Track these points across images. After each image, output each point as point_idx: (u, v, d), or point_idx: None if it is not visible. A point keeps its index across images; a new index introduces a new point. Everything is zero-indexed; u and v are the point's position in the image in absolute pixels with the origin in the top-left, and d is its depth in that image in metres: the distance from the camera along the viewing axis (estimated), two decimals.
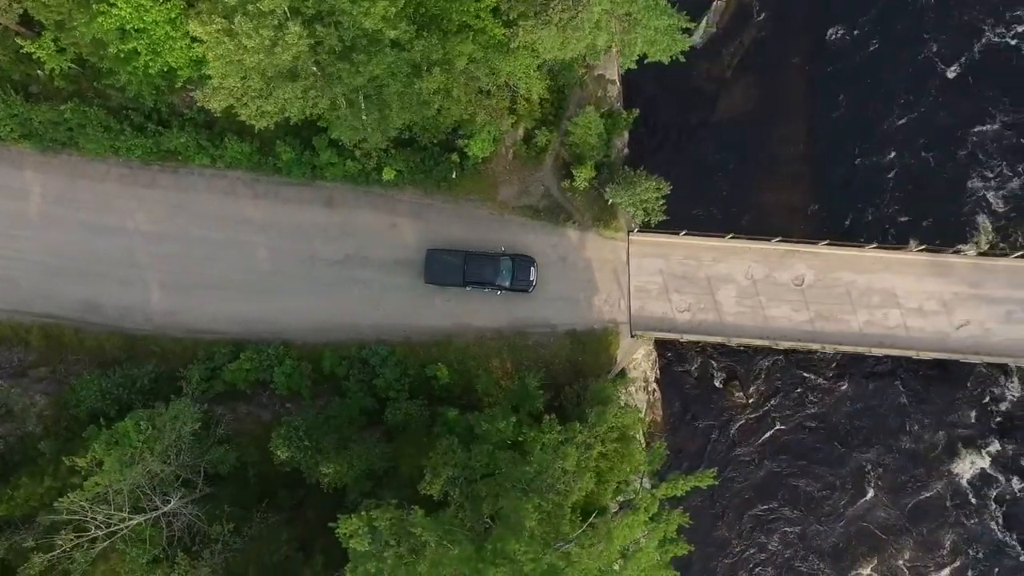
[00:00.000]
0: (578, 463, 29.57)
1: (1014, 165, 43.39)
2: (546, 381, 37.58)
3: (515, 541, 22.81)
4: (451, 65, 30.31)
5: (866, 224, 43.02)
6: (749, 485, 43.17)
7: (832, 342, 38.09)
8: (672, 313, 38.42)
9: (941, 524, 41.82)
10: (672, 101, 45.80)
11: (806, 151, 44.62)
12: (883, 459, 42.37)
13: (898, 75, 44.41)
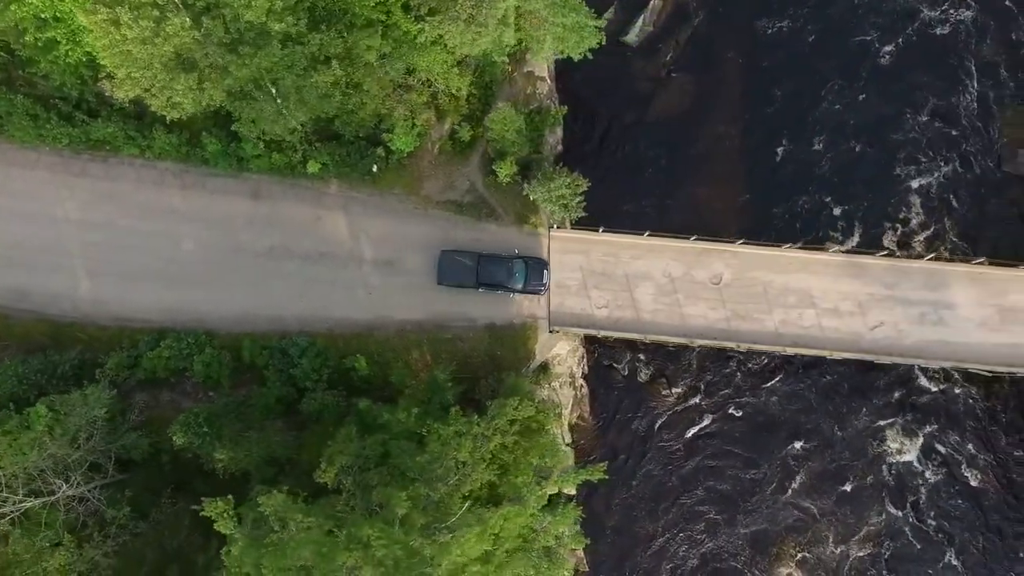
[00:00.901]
0: (472, 454, 30.09)
1: (939, 162, 43.91)
2: (464, 374, 38.38)
3: (369, 527, 23.30)
4: (355, 59, 30.67)
5: (794, 222, 43.54)
6: (675, 478, 43.52)
7: (747, 341, 38.46)
8: (590, 309, 38.83)
9: (863, 511, 42.25)
10: (608, 99, 46.21)
11: (739, 148, 45.10)
12: (808, 451, 42.76)
13: (831, 66, 45.04)
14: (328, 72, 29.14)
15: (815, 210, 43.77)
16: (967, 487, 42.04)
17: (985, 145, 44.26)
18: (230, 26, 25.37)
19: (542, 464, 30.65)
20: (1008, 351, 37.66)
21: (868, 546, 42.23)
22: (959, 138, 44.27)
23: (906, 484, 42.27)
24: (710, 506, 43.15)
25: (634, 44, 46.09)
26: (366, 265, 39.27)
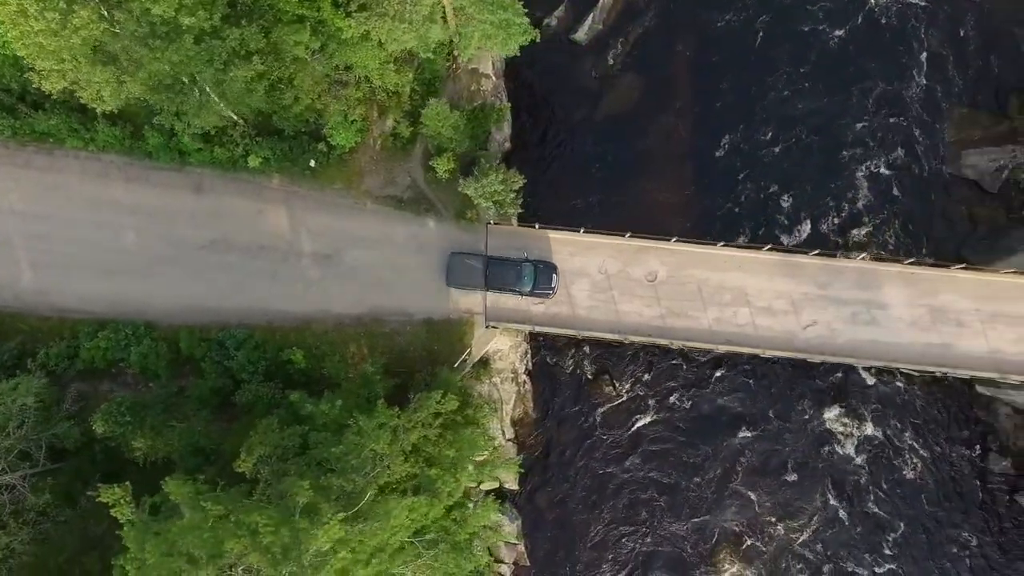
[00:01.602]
0: (391, 446, 30.46)
1: (885, 160, 44.18)
2: (401, 368, 38.80)
3: (257, 513, 23.67)
4: (283, 55, 30.98)
5: (737, 217, 43.91)
6: (617, 472, 43.63)
7: (681, 339, 38.75)
8: (527, 306, 39.12)
9: (804, 501, 42.48)
10: (557, 96, 46.54)
11: (686, 144, 45.39)
12: (750, 442, 42.94)
13: (780, 58, 45.29)
14: (247, 67, 29.46)
15: (759, 206, 44.07)
16: (905, 480, 42.29)
17: (932, 145, 44.50)
18: (141, 20, 25.73)
19: (460, 457, 30.91)
20: (938, 351, 37.91)
21: (808, 533, 42.44)
22: (906, 137, 44.49)
23: (846, 474, 42.48)
24: (652, 498, 43.37)
25: (584, 43, 46.37)
26: (306, 259, 39.65)
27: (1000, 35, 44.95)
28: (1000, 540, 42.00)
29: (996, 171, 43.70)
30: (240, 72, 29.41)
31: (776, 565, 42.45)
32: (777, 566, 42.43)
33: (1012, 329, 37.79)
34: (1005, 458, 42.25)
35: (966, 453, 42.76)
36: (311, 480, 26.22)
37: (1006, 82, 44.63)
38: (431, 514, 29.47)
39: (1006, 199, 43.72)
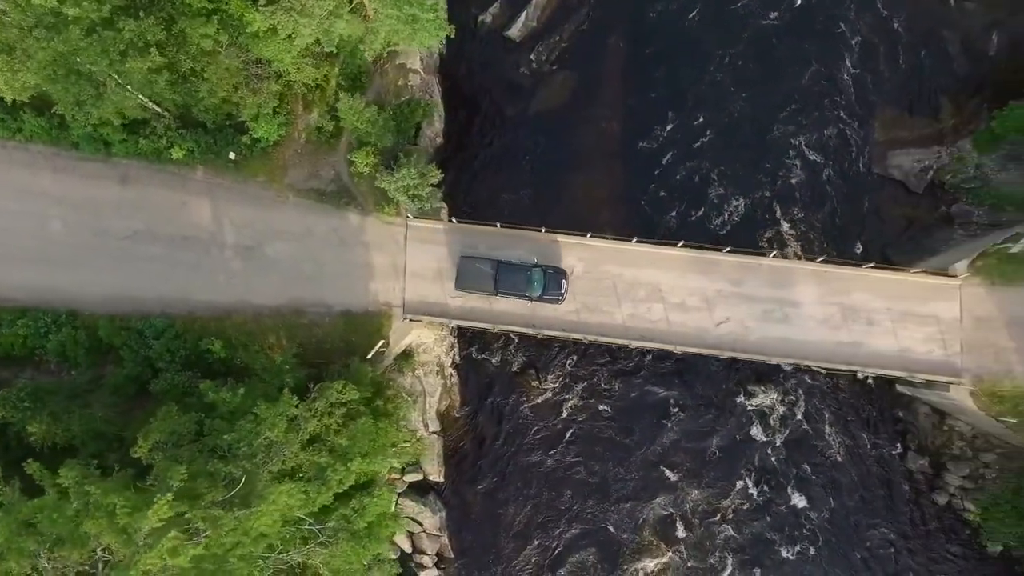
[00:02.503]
0: (286, 435, 30.95)
1: (813, 158, 44.73)
2: (320, 360, 39.28)
3: (115, 494, 24.18)
4: (188, 47, 31.40)
5: (663, 213, 44.62)
6: (543, 464, 44.30)
7: (595, 334, 39.13)
8: (445, 298, 39.54)
9: (727, 489, 43.31)
10: (492, 92, 47.08)
11: (618, 139, 46.06)
12: (675, 433, 43.70)
13: (712, 52, 45.69)
14: (143, 59, 29.91)
15: (687, 201, 44.75)
16: (826, 474, 42.94)
17: (860, 145, 44.86)
18: (26, 10, 26.18)
19: (352, 447, 31.38)
20: (848, 349, 38.22)
21: (730, 520, 43.13)
22: (834, 137, 44.99)
23: (769, 465, 43.26)
24: (578, 487, 43.98)
25: (518, 39, 46.78)
26: (228, 250, 40.11)
27: (930, 37, 45.23)
28: (916, 536, 42.53)
29: (921, 171, 44.02)
30: (136, 64, 29.84)
31: (700, 549, 42.95)
32: (701, 549, 42.92)
33: (921, 329, 38.09)
34: (923, 457, 42.72)
35: (886, 450, 43.28)
36: (194, 465, 26.71)
37: (934, 84, 44.94)
38: (318, 501, 29.95)
39: (931, 200, 44.08)
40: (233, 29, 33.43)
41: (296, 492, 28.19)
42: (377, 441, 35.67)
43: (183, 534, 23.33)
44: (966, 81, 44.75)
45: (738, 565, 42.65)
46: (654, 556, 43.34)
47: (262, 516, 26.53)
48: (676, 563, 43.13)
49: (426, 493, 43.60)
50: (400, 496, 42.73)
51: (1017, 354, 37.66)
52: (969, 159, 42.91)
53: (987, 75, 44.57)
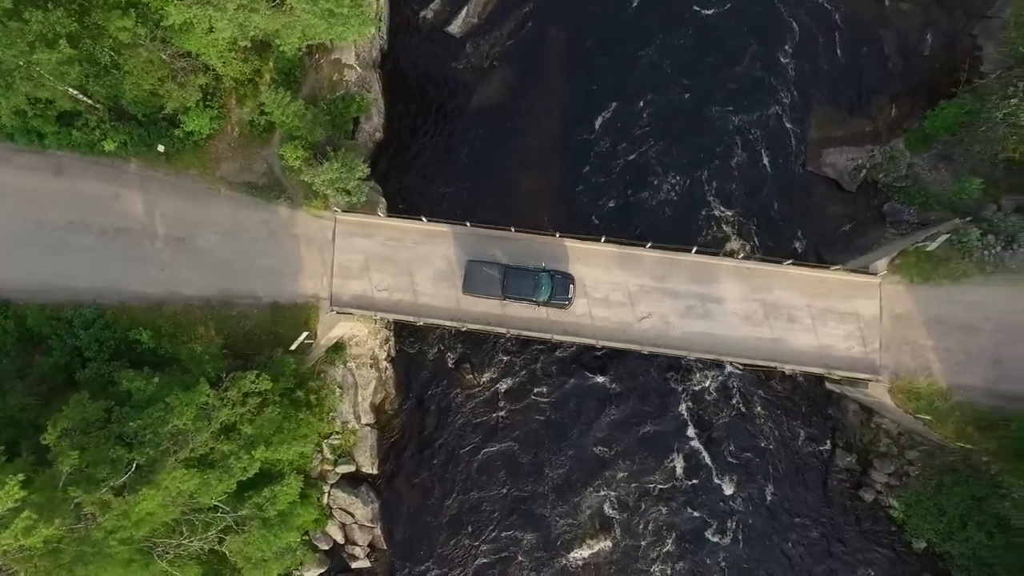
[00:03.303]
0: (194, 423, 31.42)
1: (749, 155, 45.02)
2: (249, 351, 39.76)
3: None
4: (100, 39, 31.79)
5: (598, 207, 44.87)
6: (478, 457, 44.60)
7: (519, 328, 39.48)
8: (371, 292, 39.95)
9: (658, 480, 43.67)
10: (432, 88, 47.38)
11: (555, 135, 46.31)
12: (608, 426, 44.06)
13: (650, 46, 45.99)
14: (52, 51, 30.33)
15: (621, 195, 45.03)
16: (756, 467, 43.25)
17: (794, 142, 45.15)
18: None
19: (258, 436, 31.82)
20: (769, 346, 38.53)
21: (660, 509, 43.49)
22: (769, 134, 45.26)
23: (699, 458, 43.57)
24: (512, 478, 44.32)
25: (458, 35, 47.10)
26: (160, 242, 40.58)
27: (866, 37, 45.47)
28: (844, 532, 42.80)
29: (855, 170, 44.27)
30: (44, 56, 30.29)
31: (632, 534, 43.31)
32: (633, 535, 43.27)
33: (842, 326, 38.38)
34: (850, 454, 43.02)
35: (816, 447, 43.59)
36: (98, 451, 27.19)
37: (869, 83, 45.18)
38: (219, 488, 30.41)
39: (864, 198, 44.34)
40: (153, 22, 33.78)
41: (188, 478, 28.64)
42: (297, 431, 36.21)
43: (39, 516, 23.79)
44: (900, 80, 45.00)
45: (670, 548, 42.84)
46: (587, 540, 43.63)
47: (144, 500, 27.01)
48: (609, 548, 43.36)
49: (359, 485, 43.99)
50: (332, 487, 43.19)
51: (934, 352, 37.95)
52: (901, 158, 43.18)
53: (921, 75, 44.82)
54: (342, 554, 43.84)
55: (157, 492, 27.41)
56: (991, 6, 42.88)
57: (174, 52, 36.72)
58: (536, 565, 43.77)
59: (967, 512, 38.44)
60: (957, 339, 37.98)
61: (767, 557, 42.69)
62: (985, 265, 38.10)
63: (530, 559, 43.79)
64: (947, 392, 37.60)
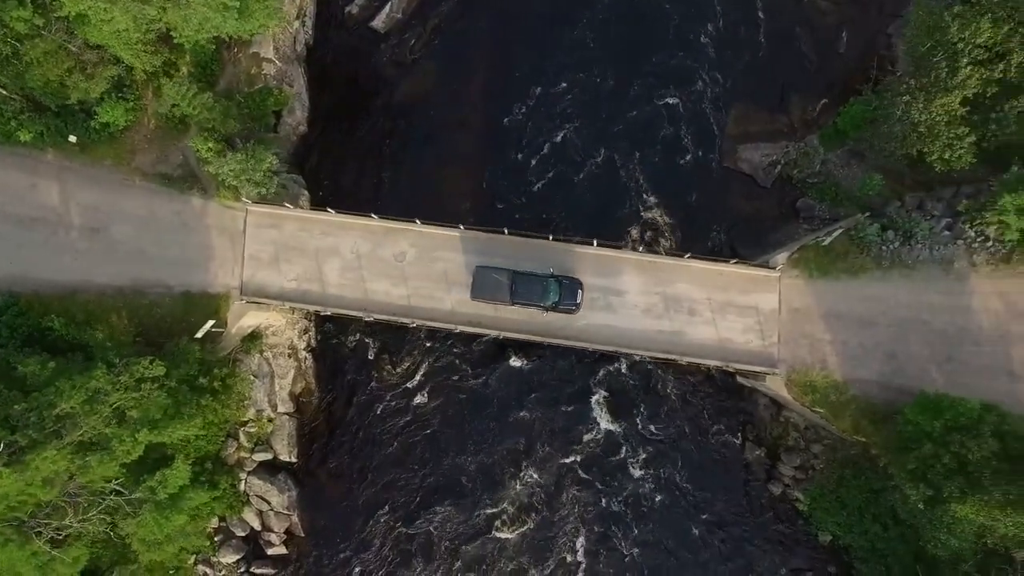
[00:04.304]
0: (83, 406, 32.04)
1: (664, 150, 45.42)
2: (161, 339, 40.42)
3: None
4: None
5: (515, 201, 45.39)
6: (395, 446, 44.92)
7: (423, 318, 40.03)
8: (281, 282, 40.55)
9: (572, 471, 44.01)
10: (357, 82, 48.05)
11: (475, 129, 46.97)
12: (524, 418, 44.44)
13: (572, 39, 46.44)
14: None
15: (540, 189, 45.49)
16: (669, 459, 43.60)
17: (711, 138, 45.62)
18: None
19: (143, 419, 32.43)
20: (669, 338, 38.97)
21: (573, 498, 43.81)
22: (687, 130, 45.69)
23: (613, 448, 43.95)
24: (431, 466, 44.71)
25: (383, 30, 47.65)
26: (74, 231, 41.21)
27: (783, 34, 45.86)
28: (754, 525, 43.15)
29: (769, 166, 44.69)
30: None
31: (547, 522, 43.69)
32: (547, 522, 43.67)
33: (741, 319, 38.80)
34: (760, 447, 43.43)
35: (727, 439, 43.94)
36: None
37: (786, 79, 45.57)
38: (98, 470, 31.04)
39: (778, 194, 44.74)
40: (51, 13, 34.39)
41: (59, 459, 29.29)
42: (198, 416, 36.85)
43: None
44: (817, 77, 45.40)
45: (583, 529, 43.17)
46: (502, 521, 43.98)
47: (2, 479, 27.75)
48: (523, 527, 43.73)
49: (277, 473, 44.55)
50: (249, 475, 43.78)
51: (831, 345, 38.35)
52: (815, 155, 43.57)
53: (837, 72, 45.20)
54: (259, 541, 44.43)
55: (22, 473, 28.05)
56: (905, 6, 43.13)
57: (82, 43, 37.30)
58: (453, 546, 44.11)
59: (865, 505, 39.00)
60: (854, 333, 38.37)
61: (678, 547, 43.00)
62: (882, 260, 38.49)
63: (448, 539, 44.16)
64: (842, 386, 38.00)
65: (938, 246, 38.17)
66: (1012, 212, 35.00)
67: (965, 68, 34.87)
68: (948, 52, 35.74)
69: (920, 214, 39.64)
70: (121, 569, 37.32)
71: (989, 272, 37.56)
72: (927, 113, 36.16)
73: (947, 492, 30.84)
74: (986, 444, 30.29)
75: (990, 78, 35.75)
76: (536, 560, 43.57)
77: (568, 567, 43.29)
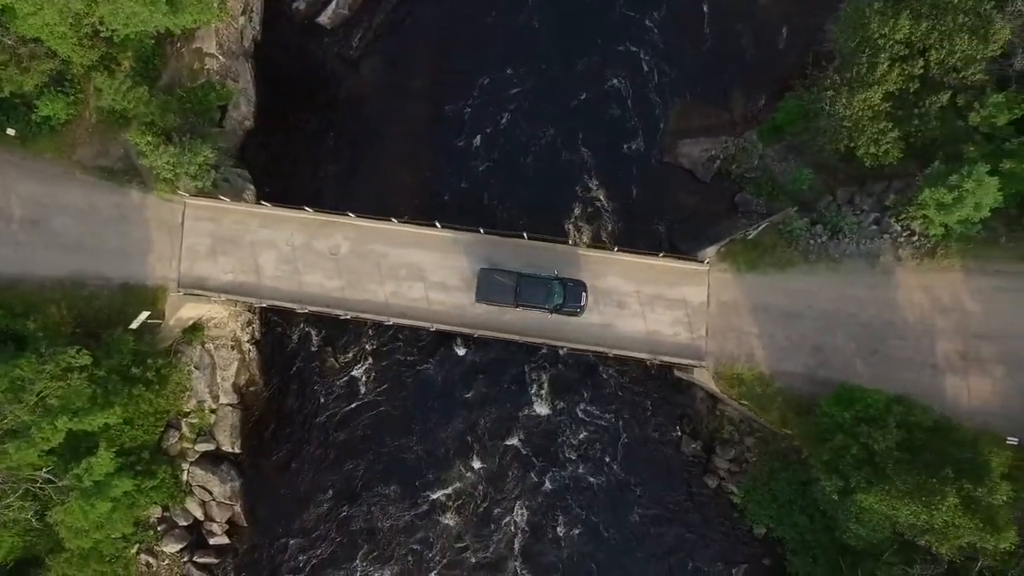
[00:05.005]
0: (4, 394, 32.58)
1: (605, 148, 45.70)
2: (101, 330, 40.93)
3: None
4: None
5: (458, 196, 45.72)
6: (340, 436, 45.42)
7: (357, 310, 40.42)
8: (218, 274, 41.00)
9: (513, 465, 44.56)
10: (303, 78, 48.38)
11: (420, 124, 47.24)
12: (466, 407, 44.94)
13: (517, 33, 46.70)
14: None
15: (481, 184, 45.86)
16: (606, 451, 44.09)
17: (653, 133, 45.90)
18: None
19: (62, 407, 32.91)
20: (599, 331, 39.28)
21: (515, 493, 44.32)
22: (628, 124, 46.01)
23: (553, 437, 44.46)
24: (373, 457, 45.18)
25: (328, 26, 48.03)
26: (15, 224, 41.74)
27: (725, 29, 46.10)
28: (690, 518, 43.53)
29: (708, 161, 44.95)
30: None
31: (486, 514, 44.24)
32: (487, 515, 44.20)
33: (670, 312, 39.10)
34: (696, 440, 43.75)
35: (665, 433, 44.28)
36: None
37: (727, 75, 45.83)
38: (15, 457, 31.56)
39: (717, 189, 45.00)
40: None
41: None
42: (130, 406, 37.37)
43: None
44: (758, 73, 45.62)
45: (524, 514, 43.78)
46: (445, 507, 44.48)
47: None
48: (468, 514, 44.26)
49: (220, 463, 45.03)
50: (191, 465, 44.27)
51: (758, 338, 38.64)
52: (754, 150, 43.79)
53: (776, 68, 45.39)
54: (202, 530, 44.94)
55: None
56: (841, 1, 43.33)
57: (17, 37, 37.79)
58: (396, 529, 44.43)
59: (794, 497, 39.20)
60: (781, 326, 38.66)
61: (616, 537, 43.30)
62: (810, 254, 38.78)
63: (391, 522, 44.52)
64: (768, 378, 38.30)
65: (865, 240, 38.44)
66: (932, 207, 35.23)
67: (884, 64, 35.09)
68: (872, 48, 35.98)
69: (850, 209, 39.90)
70: (54, 557, 37.81)
71: (914, 266, 37.83)
72: (850, 108, 36.39)
73: (854, 482, 31.11)
74: (890, 435, 30.55)
75: (912, 74, 36.00)
76: (477, 541, 44.03)
77: (508, 547, 43.69)
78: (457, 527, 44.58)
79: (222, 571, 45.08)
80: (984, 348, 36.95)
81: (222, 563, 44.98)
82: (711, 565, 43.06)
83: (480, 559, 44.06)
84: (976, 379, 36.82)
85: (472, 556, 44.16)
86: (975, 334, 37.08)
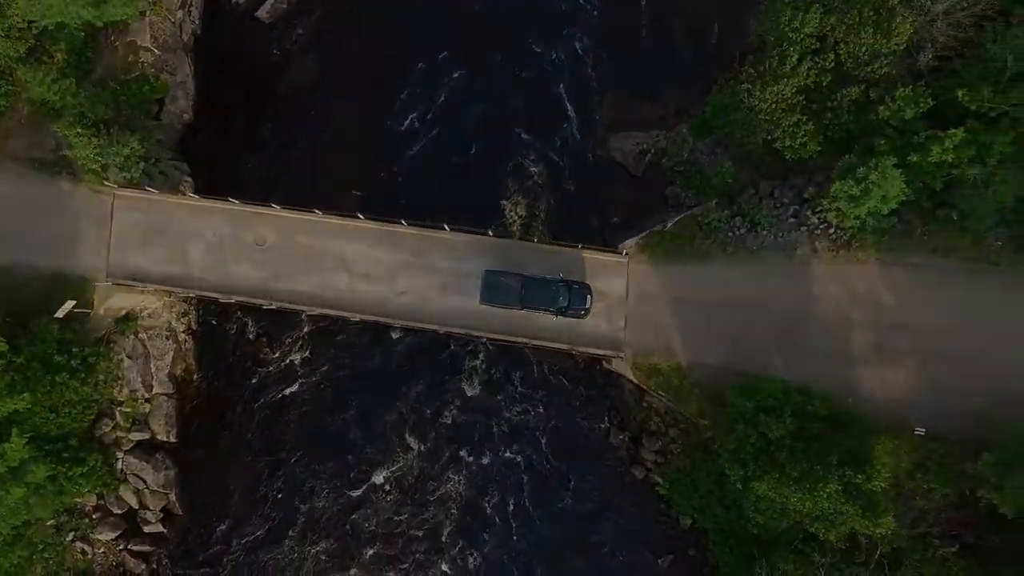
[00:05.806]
0: None
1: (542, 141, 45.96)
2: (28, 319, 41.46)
3: None
4: None
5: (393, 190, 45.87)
6: (274, 424, 45.66)
7: (283, 300, 40.88)
8: (147, 264, 41.46)
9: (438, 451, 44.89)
10: (242, 72, 48.74)
11: (357, 116, 47.39)
12: (403, 396, 45.09)
13: (453, 28, 46.98)
14: None
15: (415, 178, 46.12)
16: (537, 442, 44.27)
17: (585, 126, 46.15)
18: None
19: None
20: (519, 322, 39.61)
21: (448, 477, 44.73)
22: (561, 119, 46.19)
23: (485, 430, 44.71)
24: (309, 443, 45.40)
25: (267, 20, 48.43)
26: None
27: (657, 23, 46.36)
28: (619, 509, 43.74)
29: (640, 154, 45.24)
30: None
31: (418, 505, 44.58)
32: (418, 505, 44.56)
33: (600, 302, 39.32)
34: (624, 431, 44.01)
35: (593, 424, 44.54)
36: None
37: (659, 68, 46.07)
38: None
39: (649, 183, 45.25)
40: None
41: None
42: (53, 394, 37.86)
43: None
44: (690, 67, 45.85)
45: (454, 507, 44.24)
46: (381, 490, 44.81)
47: None
48: (403, 497, 44.62)
49: (154, 452, 45.44)
50: (126, 454, 44.70)
51: (676, 329, 38.94)
52: (684, 144, 44.06)
53: (709, 61, 45.62)
54: (137, 519, 45.36)
55: None
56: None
57: None
58: (332, 513, 44.71)
59: (713, 488, 39.54)
60: (699, 318, 38.95)
61: (545, 532, 43.64)
62: (727, 246, 39.06)
63: (327, 505, 44.86)
64: (684, 369, 38.60)
65: (783, 233, 38.73)
66: (844, 199, 35.47)
67: (793, 57, 35.35)
68: (784, 41, 36.25)
69: (771, 201, 40.14)
70: None
71: (830, 259, 38.11)
72: (764, 102, 36.67)
73: (751, 470, 31.44)
74: (783, 424, 30.86)
75: (824, 67, 36.25)
76: (412, 522, 44.32)
77: (442, 530, 44.07)
78: (393, 503, 44.89)
79: (157, 559, 45.50)
80: (897, 340, 37.20)
81: (157, 551, 45.37)
82: (638, 555, 43.36)
83: (414, 533, 44.40)
84: (889, 370, 37.06)
85: (408, 530, 44.48)
86: (889, 325, 37.34)
